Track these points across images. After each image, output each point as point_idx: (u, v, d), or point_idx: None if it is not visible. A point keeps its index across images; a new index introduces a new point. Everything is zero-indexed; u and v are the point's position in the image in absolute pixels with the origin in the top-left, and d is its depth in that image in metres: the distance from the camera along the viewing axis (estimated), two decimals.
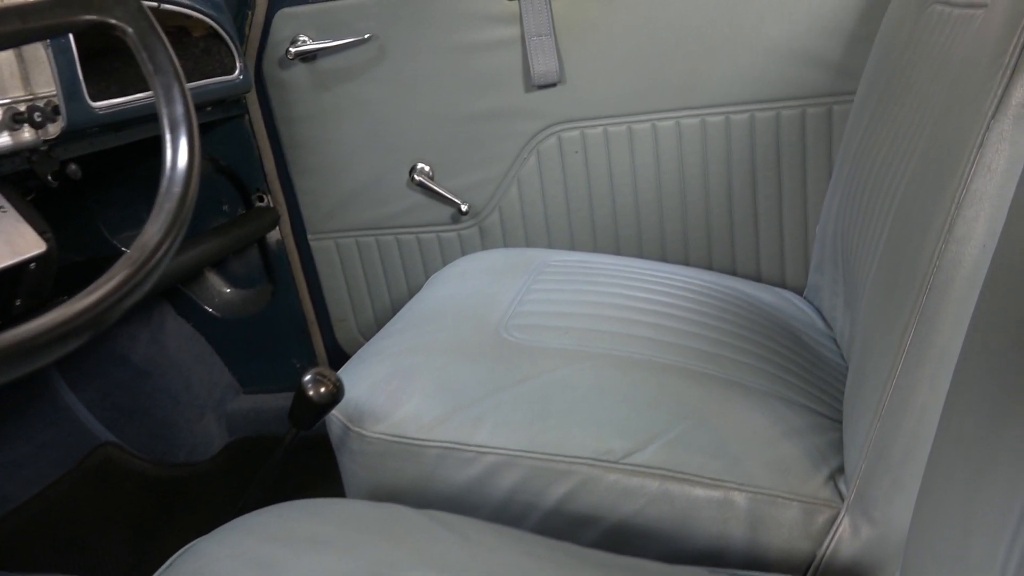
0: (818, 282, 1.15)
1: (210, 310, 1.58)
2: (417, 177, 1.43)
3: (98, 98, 1.01)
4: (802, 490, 0.76)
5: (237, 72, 1.31)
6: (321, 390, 0.86)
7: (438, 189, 1.42)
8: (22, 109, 0.91)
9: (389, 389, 0.90)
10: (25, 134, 0.92)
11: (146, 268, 0.50)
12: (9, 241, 0.92)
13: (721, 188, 1.32)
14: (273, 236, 1.52)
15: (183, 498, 1.44)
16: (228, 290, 1.60)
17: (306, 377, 0.87)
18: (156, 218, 0.53)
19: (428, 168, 1.42)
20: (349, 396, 0.91)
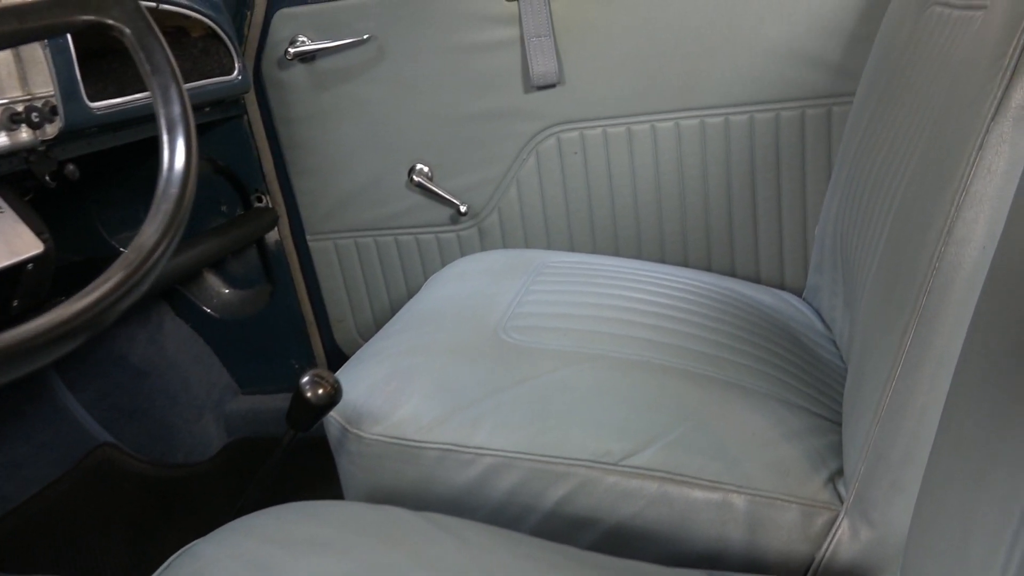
0: (817, 283, 1.15)
1: (209, 311, 1.58)
2: (416, 178, 1.43)
3: (96, 98, 1.01)
4: (801, 492, 0.75)
5: (236, 72, 1.31)
6: (319, 392, 0.86)
7: (437, 190, 1.42)
8: (20, 109, 0.91)
9: (387, 390, 0.90)
10: (23, 134, 0.92)
11: (143, 269, 0.50)
12: (7, 242, 0.91)
13: (720, 189, 1.32)
14: (272, 237, 1.52)
15: (181, 499, 1.44)
16: (227, 291, 1.59)
17: (304, 379, 0.87)
18: (153, 219, 0.53)
19: (427, 169, 1.42)
20: (347, 397, 0.91)
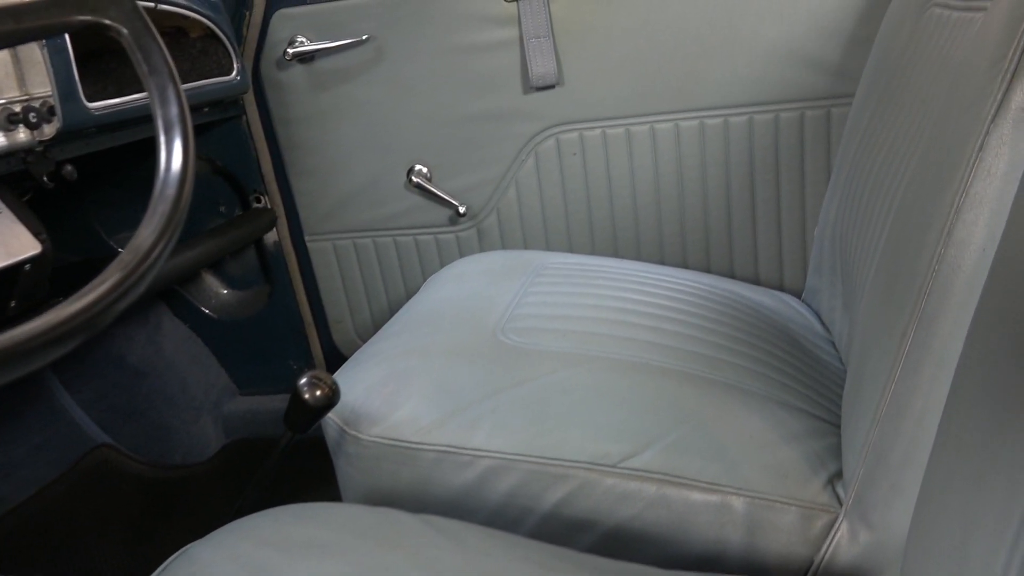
0: (816, 285, 1.14)
1: (207, 311, 1.58)
2: (415, 179, 1.42)
3: (94, 99, 1.01)
4: (800, 495, 0.75)
5: (234, 73, 1.31)
6: (317, 393, 0.86)
7: (436, 191, 1.42)
8: (17, 110, 0.90)
9: (385, 392, 0.89)
10: (20, 135, 0.92)
11: (139, 271, 0.50)
12: (4, 242, 0.91)
13: (719, 190, 1.32)
14: (270, 237, 1.52)
15: (179, 500, 1.43)
16: (225, 291, 1.59)
17: (302, 380, 0.86)
18: (150, 221, 0.52)
19: (426, 169, 1.42)
20: (345, 399, 0.91)
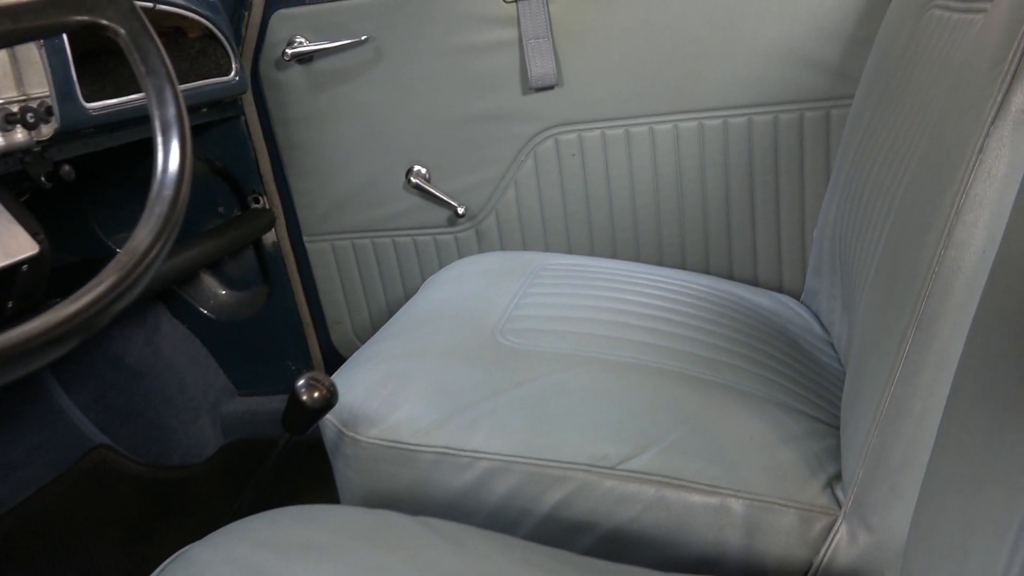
0: (816, 286, 1.14)
1: (205, 312, 1.57)
2: (413, 179, 1.42)
3: (92, 99, 1.00)
4: (799, 497, 0.75)
5: (233, 73, 1.31)
6: (315, 395, 0.85)
7: (434, 191, 1.42)
8: (15, 110, 0.90)
9: (384, 393, 0.89)
10: (18, 135, 0.91)
11: (136, 272, 0.50)
12: (1, 243, 0.91)
13: (719, 192, 1.32)
14: (269, 238, 1.52)
15: (178, 501, 1.43)
16: (223, 292, 1.59)
17: (299, 382, 0.86)
18: (147, 221, 0.52)
19: (425, 170, 1.42)
20: (344, 400, 0.90)
